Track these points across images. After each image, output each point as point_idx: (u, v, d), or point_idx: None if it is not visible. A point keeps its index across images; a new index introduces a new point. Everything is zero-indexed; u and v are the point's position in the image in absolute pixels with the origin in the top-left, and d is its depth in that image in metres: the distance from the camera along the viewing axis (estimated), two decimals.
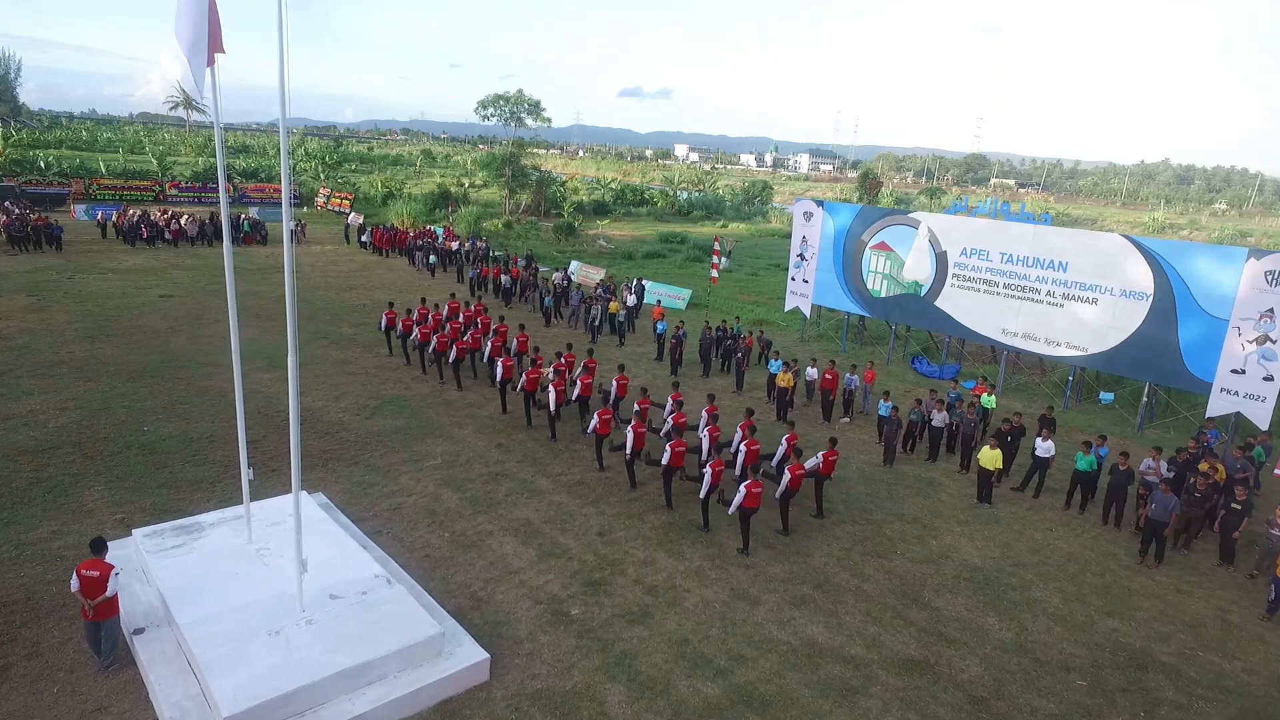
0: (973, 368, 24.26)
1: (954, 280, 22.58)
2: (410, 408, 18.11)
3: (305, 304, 27.92)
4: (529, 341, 21.37)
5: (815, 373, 20.02)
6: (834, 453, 14.16)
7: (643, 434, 14.65)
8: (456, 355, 19.83)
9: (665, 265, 43.07)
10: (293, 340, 8.64)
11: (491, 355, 19.75)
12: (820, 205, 25.98)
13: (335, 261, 37.70)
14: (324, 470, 14.45)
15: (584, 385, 17.69)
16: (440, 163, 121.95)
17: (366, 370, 20.78)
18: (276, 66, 7.46)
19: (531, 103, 58.50)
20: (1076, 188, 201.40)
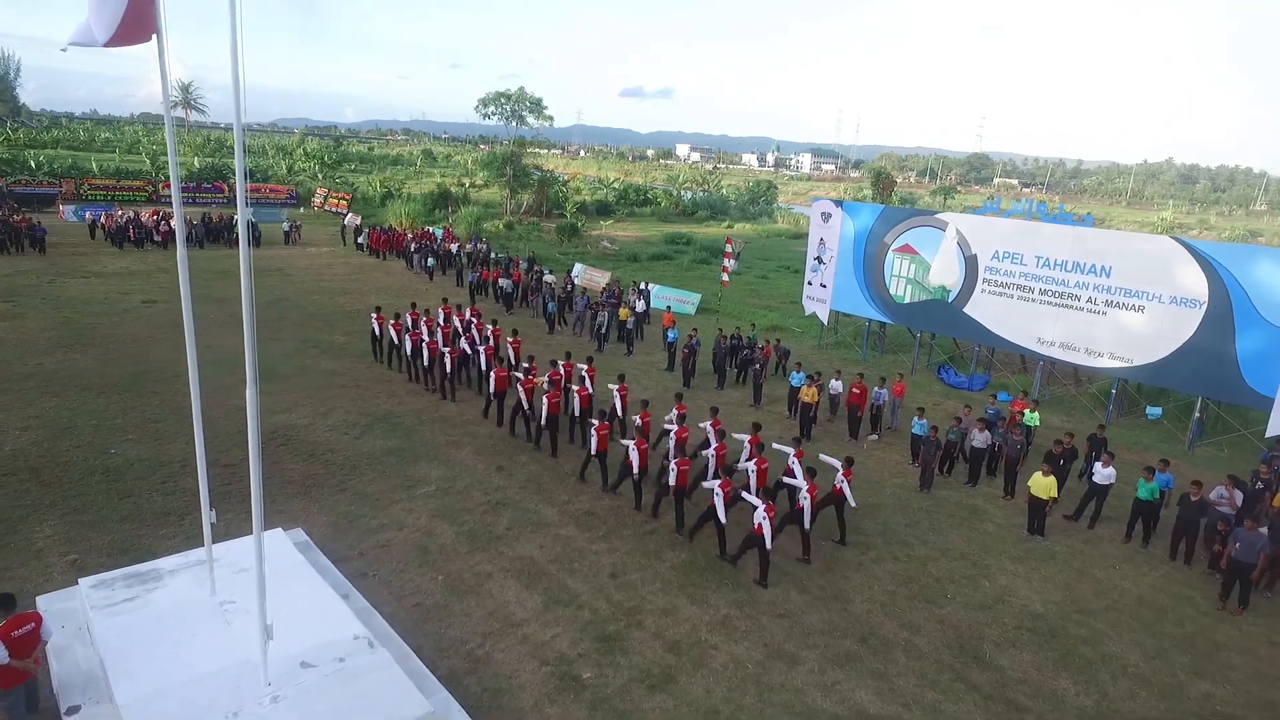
0: (1002, 377, 22.84)
1: (984, 285, 21.16)
2: (404, 425, 16.71)
3: (296, 310, 26.63)
4: (521, 348, 20.06)
5: (840, 386, 18.61)
6: (848, 473, 12.87)
7: (645, 451, 13.53)
8: (448, 363, 18.55)
9: (672, 267, 41.67)
10: (251, 371, 7.22)
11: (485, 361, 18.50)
12: (839, 205, 24.58)
13: (330, 264, 36.33)
14: (306, 499, 13.06)
15: (581, 397, 16.35)
16: (441, 163, 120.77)
17: (358, 382, 19.39)
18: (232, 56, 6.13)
19: (533, 101, 57.08)
20: (1081, 187, 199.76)
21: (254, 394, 7.32)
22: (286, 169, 69.31)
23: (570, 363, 18.14)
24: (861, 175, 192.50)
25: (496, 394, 17.05)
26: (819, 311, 25.51)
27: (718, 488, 11.85)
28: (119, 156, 75.26)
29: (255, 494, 7.68)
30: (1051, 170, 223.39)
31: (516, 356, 19.96)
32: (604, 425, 14.32)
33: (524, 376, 16.75)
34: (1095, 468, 13.85)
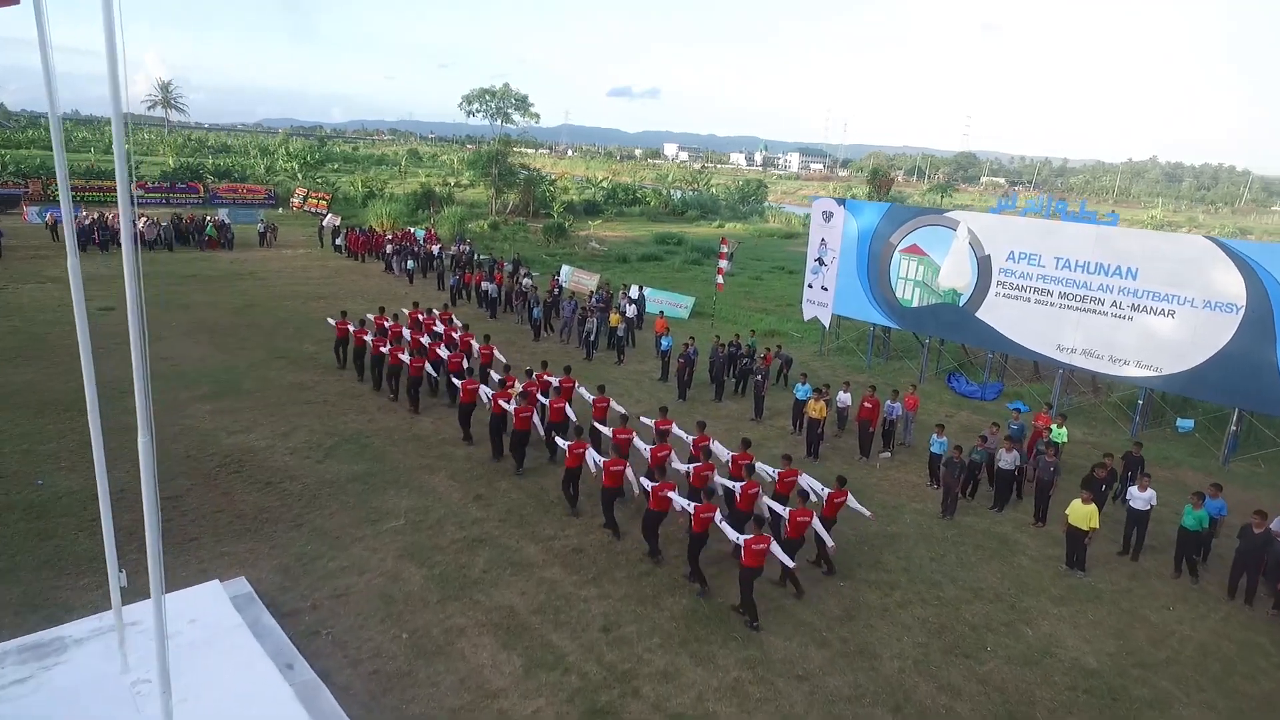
0: (1015, 386, 21.53)
1: (999, 288, 19.84)
2: (373, 447, 15.18)
3: (266, 316, 25.01)
4: (492, 356, 18.66)
5: (848, 398, 17.22)
6: (841, 494, 11.61)
7: (619, 472, 12.27)
8: (411, 372, 17.16)
9: (662, 269, 40.23)
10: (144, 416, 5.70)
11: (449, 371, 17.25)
12: (841, 204, 23.20)
13: (305, 267, 34.67)
14: (256, 538, 11.52)
15: (553, 409, 14.96)
16: (427, 162, 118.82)
17: (326, 398, 17.83)
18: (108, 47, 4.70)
19: (518, 98, 55.50)
20: (1068, 185, 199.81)
21: (147, 444, 5.76)
22: (265, 169, 67.17)
23: (546, 372, 16.79)
24: (850, 174, 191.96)
25: (462, 408, 15.75)
26: (820, 316, 24.13)
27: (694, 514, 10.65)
28: (94, 156, 73.00)
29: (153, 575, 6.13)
30: (1038, 169, 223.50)
31: (485, 365, 18.65)
32: (580, 444, 12.97)
33: (497, 389, 15.37)
34: (1131, 491, 12.52)
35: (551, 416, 15.12)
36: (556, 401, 15.26)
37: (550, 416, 15.13)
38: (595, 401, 15.53)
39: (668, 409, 15.13)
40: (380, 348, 18.13)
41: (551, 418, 15.12)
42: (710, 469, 12.55)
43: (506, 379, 16.20)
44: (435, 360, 18.02)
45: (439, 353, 18.08)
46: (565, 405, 15.31)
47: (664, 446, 13.24)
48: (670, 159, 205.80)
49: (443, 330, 19.94)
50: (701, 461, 12.71)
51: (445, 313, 21.68)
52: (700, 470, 12.40)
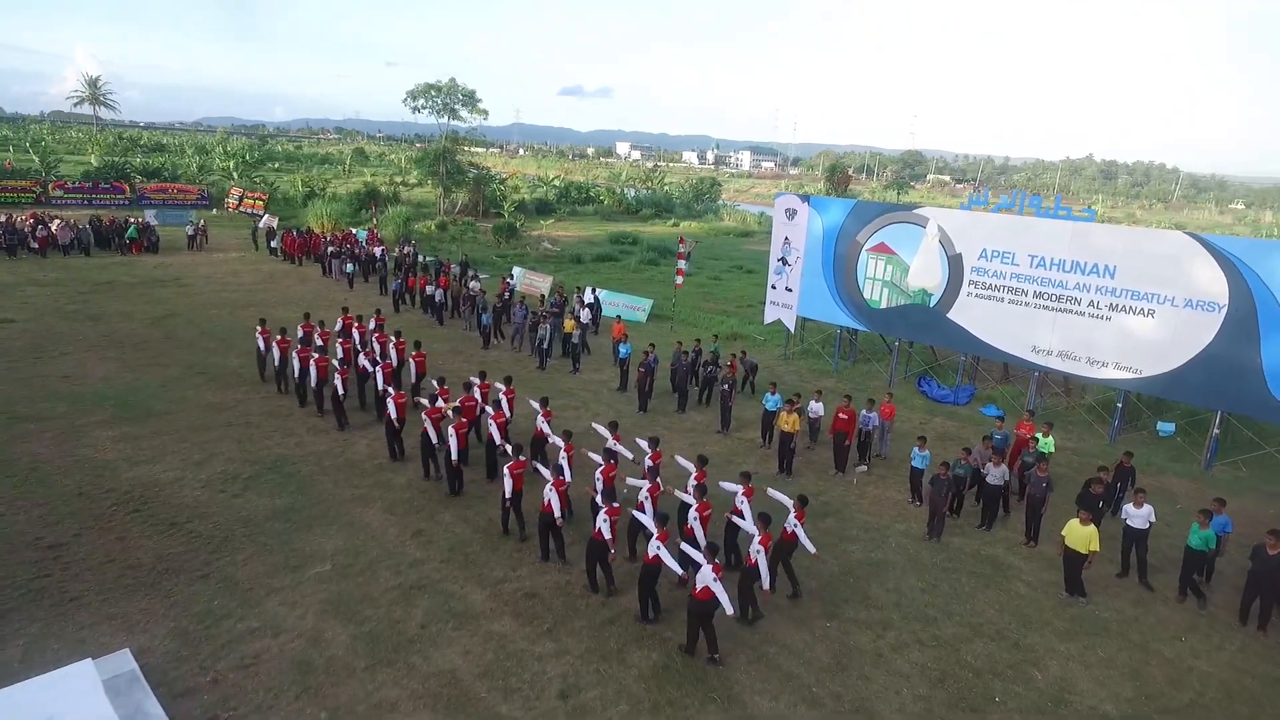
0: (988, 389, 20.74)
1: (971, 288, 18.99)
2: (299, 476, 13.53)
3: (188, 328, 22.96)
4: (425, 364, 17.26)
5: (821, 409, 16.13)
6: (801, 514, 10.62)
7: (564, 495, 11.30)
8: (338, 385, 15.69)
9: (618, 269, 38.90)
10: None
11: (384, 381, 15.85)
12: (806, 201, 22.16)
13: (237, 271, 32.43)
14: (152, 593, 9.85)
15: (498, 425, 13.71)
16: (374, 161, 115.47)
17: (248, 418, 16.06)
18: None
19: (466, 93, 53.51)
20: (1011, 183, 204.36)
21: None
22: (198, 167, 63.84)
23: (487, 384, 15.40)
24: (801, 172, 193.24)
25: (393, 423, 14.36)
26: (784, 318, 23.07)
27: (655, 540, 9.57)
28: (13, 154, 68.67)
29: None
30: (981, 167, 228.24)
31: (419, 375, 17.22)
32: (519, 463, 11.69)
33: (430, 404, 13.95)
34: (1127, 509, 11.61)
35: (502, 432, 13.80)
36: (499, 417, 13.93)
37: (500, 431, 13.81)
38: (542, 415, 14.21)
39: (617, 424, 13.82)
40: (305, 358, 16.53)
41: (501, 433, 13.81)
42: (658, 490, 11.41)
43: (440, 392, 14.83)
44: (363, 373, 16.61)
45: (364, 364, 16.58)
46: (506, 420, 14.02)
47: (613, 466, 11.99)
48: (623, 158, 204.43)
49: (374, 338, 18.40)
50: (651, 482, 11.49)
51: (379, 317, 20.09)
52: (650, 491, 11.22)
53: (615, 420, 13.85)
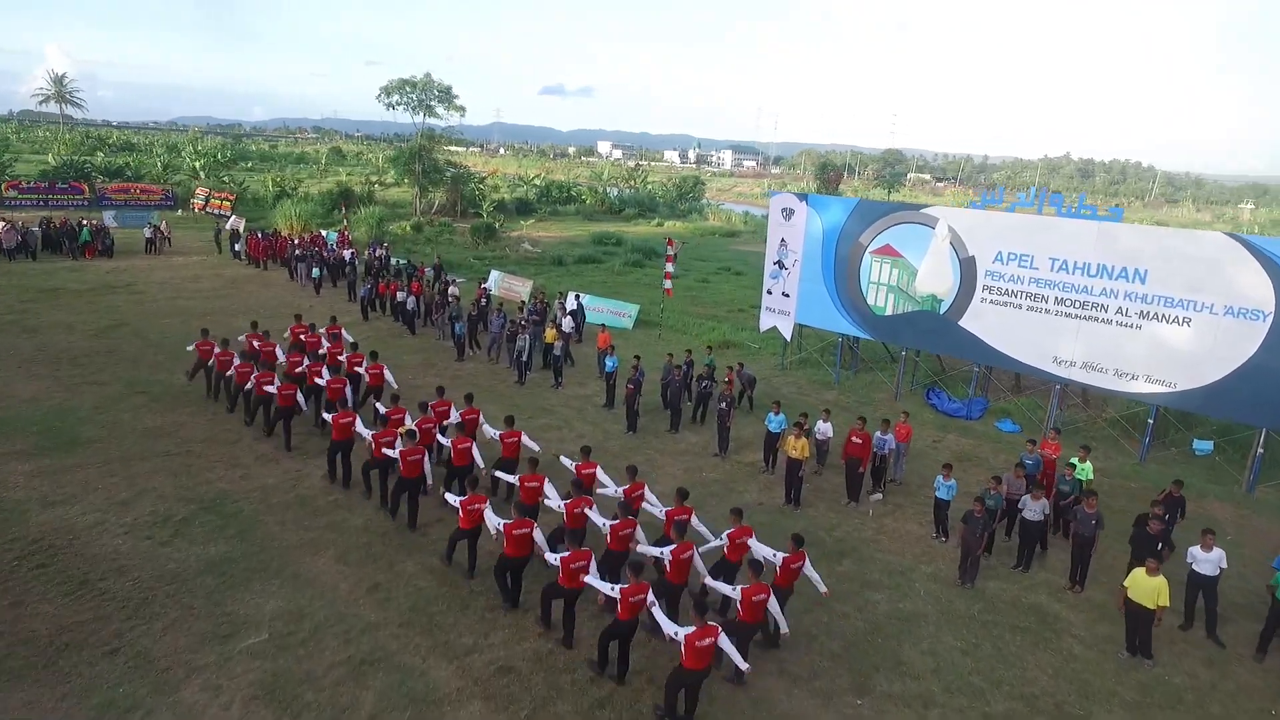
0: (1000, 400, 19.35)
1: (985, 293, 17.57)
2: (241, 516, 11.81)
3: (135, 339, 21.04)
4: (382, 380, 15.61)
5: (829, 429, 14.59)
6: (799, 556, 9.19)
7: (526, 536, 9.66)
8: (280, 402, 14.21)
9: (602, 272, 37.22)
10: None
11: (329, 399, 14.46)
12: (804, 200, 20.66)
13: (197, 277, 30.45)
14: (43, 680, 8.11)
15: (457, 450, 12.10)
16: (351, 161, 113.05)
17: (190, 446, 14.28)
18: None
19: (442, 89, 51.54)
20: (991, 181, 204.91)
21: None
22: (162, 166, 61.39)
23: (446, 401, 13.82)
24: (783, 171, 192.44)
25: (332, 445, 12.98)
26: (780, 326, 21.56)
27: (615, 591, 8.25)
28: None
29: None
30: (960, 165, 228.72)
31: (371, 391, 15.65)
32: (475, 498, 10.20)
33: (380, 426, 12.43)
34: (1193, 553, 10.13)
35: (455, 459, 12.24)
36: (460, 441, 12.34)
37: (453, 459, 12.25)
38: (503, 438, 12.64)
39: (590, 449, 12.26)
40: (244, 375, 14.92)
41: (454, 461, 12.25)
42: (632, 526, 9.91)
43: (391, 412, 13.23)
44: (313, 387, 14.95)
45: (318, 379, 14.92)
46: (470, 445, 12.40)
47: (584, 499, 10.46)
48: (604, 157, 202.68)
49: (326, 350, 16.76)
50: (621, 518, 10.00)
51: (333, 327, 18.41)
52: (619, 529, 9.71)
53: (588, 446, 12.27)
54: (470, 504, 10.15)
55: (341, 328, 18.64)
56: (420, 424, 12.85)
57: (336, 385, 14.74)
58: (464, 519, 10.18)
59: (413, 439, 12.05)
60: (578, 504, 10.34)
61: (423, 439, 12.54)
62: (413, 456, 11.51)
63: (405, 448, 11.66)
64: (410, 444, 11.81)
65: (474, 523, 10.18)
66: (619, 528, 9.80)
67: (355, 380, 16.04)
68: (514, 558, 9.61)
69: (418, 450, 11.65)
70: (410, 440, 11.99)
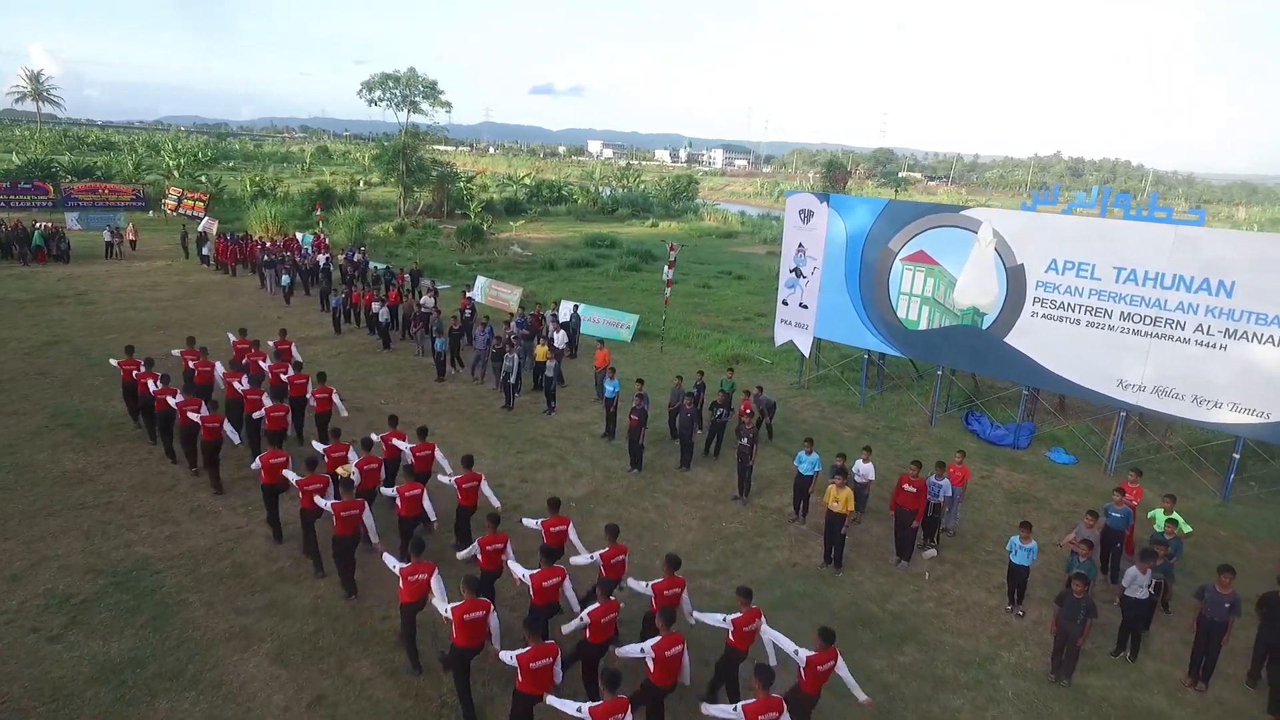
0: (1048, 425, 17.24)
1: (1036, 307, 15.45)
2: (159, 595, 9.53)
3: (74, 358, 18.67)
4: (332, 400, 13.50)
5: (870, 470, 12.38)
6: (828, 655, 7.09)
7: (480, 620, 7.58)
8: (205, 435, 12.10)
9: (596, 277, 34.94)
10: None
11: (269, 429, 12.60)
12: (825, 201, 18.49)
13: (157, 284, 28.05)
14: None
15: (404, 499, 10.08)
16: (337, 160, 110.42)
17: (113, 494, 11.99)
18: None
19: (427, 84, 49.22)
20: (983, 180, 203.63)
21: None
22: (134, 165, 58.71)
23: (398, 433, 11.68)
24: (774, 170, 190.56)
25: (264, 491, 10.77)
26: (798, 340, 19.39)
27: None
28: None
29: None
30: (952, 164, 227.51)
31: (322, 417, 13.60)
32: (417, 565, 8.17)
33: (308, 469, 10.25)
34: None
35: (401, 509, 10.08)
36: (407, 489, 10.15)
37: (400, 509, 10.09)
38: (459, 483, 10.49)
39: (559, 502, 10.03)
40: (165, 400, 12.71)
41: (400, 511, 10.09)
42: (613, 611, 7.78)
43: (331, 449, 11.05)
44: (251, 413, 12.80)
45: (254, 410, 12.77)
46: (421, 493, 10.22)
47: (555, 571, 8.30)
48: (595, 156, 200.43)
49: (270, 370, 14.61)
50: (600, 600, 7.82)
51: (281, 342, 16.25)
52: (599, 617, 7.59)
53: (555, 498, 10.05)
54: (414, 572, 8.07)
55: (291, 343, 16.46)
56: (362, 465, 10.71)
57: (277, 414, 12.58)
58: (405, 590, 8.13)
59: (349, 488, 9.78)
60: (546, 576, 8.21)
61: (365, 482, 10.47)
62: (348, 511, 9.34)
63: (339, 501, 9.47)
64: (347, 495, 9.60)
65: (418, 595, 8.10)
66: (598, 614, 7.61)
67: (300, 406, 13.89)
68: (465, 648, 7.48)
69: (355, 504, 9.47)
70: (348, 490, 9.72)
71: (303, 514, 10.13)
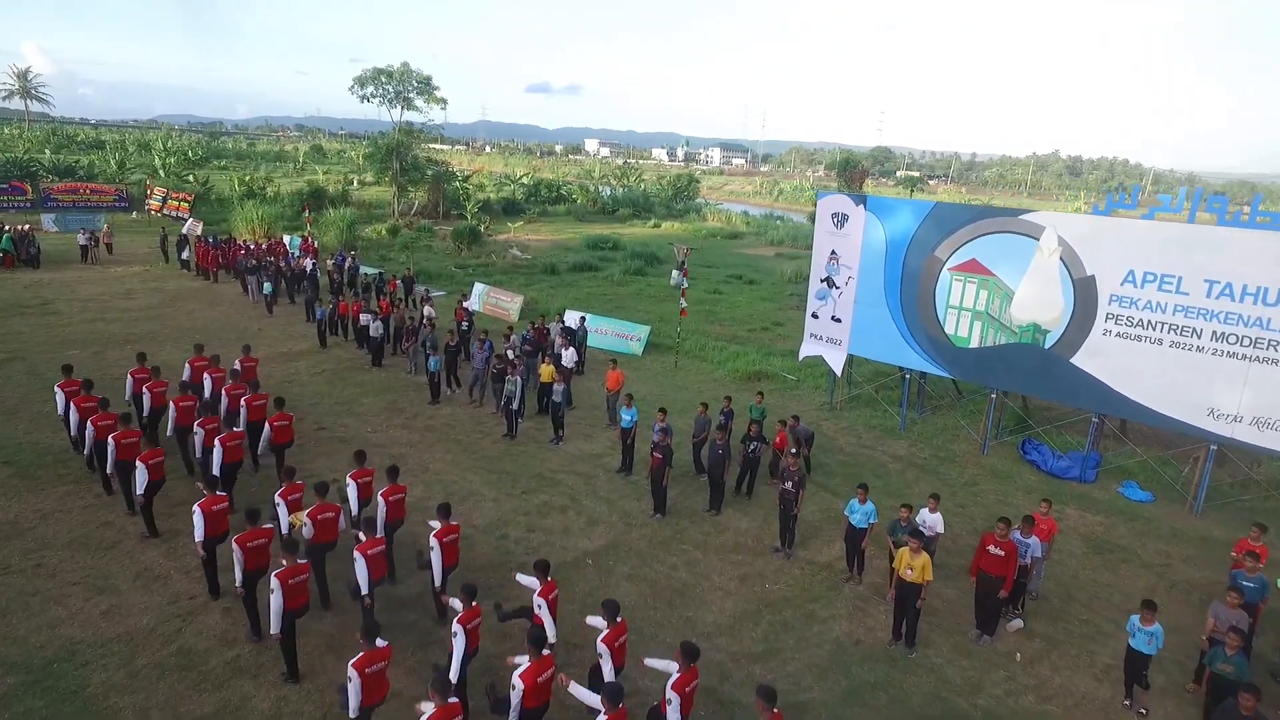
0: (1117, 456, 15.43)
1: (1109, 324, 13.64)
2: (81, 699, 7.65)
3: (27, 379, 16.78)
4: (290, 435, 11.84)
5: (938, 521, 10.52)
6: None
7: None
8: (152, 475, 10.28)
9: (599, 282, 33.04)
10: None
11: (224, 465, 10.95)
12: (861, 203, 16.65)
13: (131, 292, 26.13)
14: None
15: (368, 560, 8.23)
16: (331, 159, 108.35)
17: (45, 554, 10.11)
18: None
19: (421, 79, 47.29)
20: (983, 179, 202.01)
21: None
22: (118, 164, 56.65)
23: (367, 471, 9.94)
24: (772, 169, 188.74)
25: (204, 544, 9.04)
26: (828, 357, 17.56)
27: None
28: None
29: None
30: (949, 163, 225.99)
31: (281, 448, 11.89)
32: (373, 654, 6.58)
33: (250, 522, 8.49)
34: None
35: (372, 571, 8.26)
36: (367, 547, 8.31)
37: (371, 570, 8.25)
38: (438, 536, 8.71)
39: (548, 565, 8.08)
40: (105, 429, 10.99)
41: (372, 573, 8.29)
42: None
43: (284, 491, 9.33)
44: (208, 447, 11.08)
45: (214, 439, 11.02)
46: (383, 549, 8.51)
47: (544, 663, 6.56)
48: (591, 155, 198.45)
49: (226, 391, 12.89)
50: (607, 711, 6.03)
51: (246, 359, 14.50)
52: None
53: (543, 560, 8.17)
54: (369, 663, 6.29)
55: (256, 361, 14.69)
56: (315, 514, 8.90)
57: (232, 442, 10.79)
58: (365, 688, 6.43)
59: (293, 551, 7.93)
60: (540, 670, 6.44)
61: (319, 534, 8.67)
62: (294, 578, 7.53)
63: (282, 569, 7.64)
64: (290, 557, 7.77)
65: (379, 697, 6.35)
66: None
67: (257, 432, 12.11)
68: None
69: (300, 568, 7.66)
70: (291, 554, 7.86)
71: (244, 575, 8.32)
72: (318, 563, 9.06)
